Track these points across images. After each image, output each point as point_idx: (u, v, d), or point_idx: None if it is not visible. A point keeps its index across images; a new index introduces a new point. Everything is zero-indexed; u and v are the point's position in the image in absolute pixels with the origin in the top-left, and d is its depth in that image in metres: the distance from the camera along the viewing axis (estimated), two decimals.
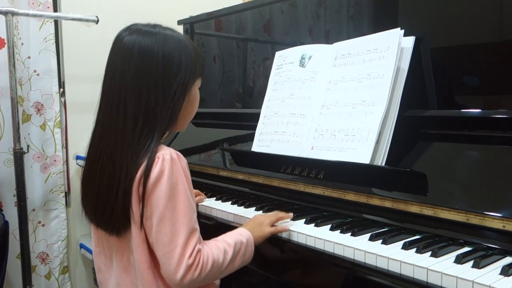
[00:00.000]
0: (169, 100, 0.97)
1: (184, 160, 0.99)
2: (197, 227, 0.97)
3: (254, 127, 1.51)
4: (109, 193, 0.96)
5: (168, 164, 0.94)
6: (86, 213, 1.04)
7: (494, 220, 0.93)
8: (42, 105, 2.17)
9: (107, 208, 0.96)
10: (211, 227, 1.30)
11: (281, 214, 1.16)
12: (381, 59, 1.20)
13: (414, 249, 0.94)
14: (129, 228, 0.97)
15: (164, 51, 0.98)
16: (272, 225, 1.12)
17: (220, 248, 0.98)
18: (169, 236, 0.92)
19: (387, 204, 1.10)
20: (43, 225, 2.23)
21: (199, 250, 0.94)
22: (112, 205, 0.95)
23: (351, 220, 1.17)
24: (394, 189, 1.10)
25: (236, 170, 1.54)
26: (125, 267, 1.01)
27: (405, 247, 0.95)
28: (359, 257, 0.96)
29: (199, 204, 1.39)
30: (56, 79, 2.20)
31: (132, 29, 1.01)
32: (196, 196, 1.38)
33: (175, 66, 0.98)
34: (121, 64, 0.98)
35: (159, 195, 0.93)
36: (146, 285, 0.97)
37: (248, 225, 1.12)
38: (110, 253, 1.05)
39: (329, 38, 1.52)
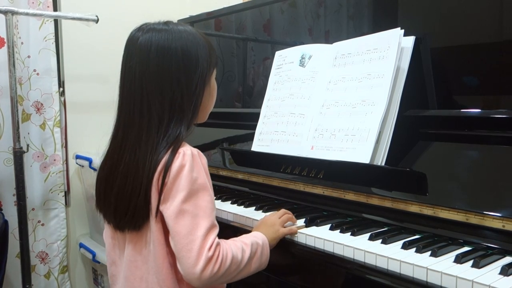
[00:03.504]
0: (191, 94, 0.98)
1: (204, 158, 0.99)
2: (217, 224, 0.97)
3: (254, 127, 1.51)
4: (133, 191, 0.95)
5: (189, 159, 0.94)
6: (104, 213, 1.04)
7: (493, 220, 0.93)
8: (41, 104, 2.17)
9: (130, 206, 0.96)
10: None
11: (290, 214, 1.15)
12: (381, 59, 1.21)
13: (414, 249, 0.94)
14: (147, 221, 0.97)
15: (182, 46, 0.98)
16: (283, 226, 1.11)
17: (238, 246, 0.98)
18: (188, 228, 0.91)
19: (387, 203, 1.10)
20: (42, 225, 2.23)
21: (218, 244, 0.94)
22: (135, 202, 0.95)
23: (350, 220, 1.17)
24: (394, 188, 1.10)
25: (236, 169, 1.54)
26: (136, 261, 1.01)
27: (405, 246, 0.95)
28: (359, 257, 0.96)
29: None
30: (56, 79, 2.19)
31: (145, 29, 1.00)
32: None
33: (193, 60, 0.99)
34: (139, 65, 0.98)
35: (179, 188, 0.93)
36: (161, 280, 0.97)
37: (260, 228, 1.10)
38: (124, 246, 1.04)
39: (329, 37, 1.52)
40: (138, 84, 0.98)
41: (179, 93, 0.97)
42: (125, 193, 0.97)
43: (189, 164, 0.94)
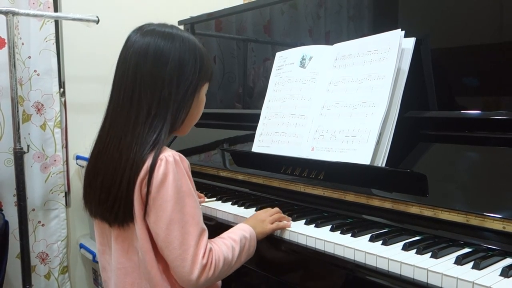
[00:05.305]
0: (180, 96, 0.99)
1: (186, 162, 0.99)
2: (205, 227, 0.98)
3: (254, 128, 1.51)
4: (113, 182, 0.95)
5: (172, 166, 0.94)
6: (90, 206, 1.03)
7: (494, 221, 0.93)
8: (42, 105, 2.17)
9: (110, 196, 0.96)
10: (211, 227, 1.29)
11: (281, 214, 1.17)
12: (381, 60, 1.21)
13: (414, 250, 0.94)
14: (131, 223, 0.96)
15: (180, 54, 0.99)
16: (273, 223, 1.13)
17: (228, 246, 0.99)
18: (179, 239, 0.92)
19: (387, 205, 1.10)
20: (43, 225, 2.23)
21: (210, 249, 0.95)
22: (115, 193, 0.95)
23: (351, 221, 1.17)
24: (394, 190, 1.10)
25: (236, 170, 1.54)
26: (124, 268, 1.00)
27: (405, 248, 0.95)
28: (359, 258, 0.96)
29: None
30: (56, 79, 2.20)
31: (146, 29, 1.01)
32: None
33: (189, 68, 1.00)
34: (135, 59, 0.98)
35: (165, 198, 0.92)
36: (153, 285, 0.97)
37: (249, 221, 1.13)
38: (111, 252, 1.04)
39: (329, 39, 1.52)
40: (132, 73, 0.98)
41: (167, 89, 0.97)
42: (107, 181, 0.96)
43: (172, 172, 0.93)
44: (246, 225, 1.09)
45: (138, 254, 0.98)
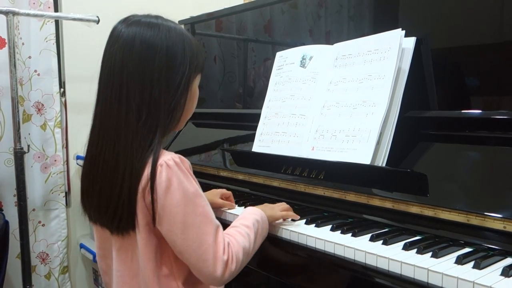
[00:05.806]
0: (172, 93, 0.94)
1: (187, 162, 0.96)
2: (218, 222, 0.95)
3: (254, 128, 1.51)
4: (112, 188, 0.92)
5: (174, 171, 0.90)
6: (89, 212, 1.00)
7: (494, 221, 0.93)
8: (42, 105, 2.17)
9: (111, 204, 0.92)
10: None
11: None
12: (382, 59, 1.21)
13: (415, 250, 0.94)
14: (133, 232, 0.93)
15: (168, 44, 0.94)
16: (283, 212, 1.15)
17: (244, 234, 0.99)
18: (197, 241, 0.90)
19: (388, 204, 1.10)
20: (43, 225, 2.24)
21: (229, 244, 0.94)
22: (116, 201, 0.91)
23: (351, 221, 1.17)
24: (395, 189, 1.10)
25: (236, 170, 1.54)
26: (125, 275, 0.98)
27: (406, 247, 0.95)
28: (360, 258, 0.96)
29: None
30: (57, 79, 2.20)
31: (131, 20, 0.97)
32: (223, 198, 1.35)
33: (178, 59, 0.95)
34: (121, 54, 0.93)
35: (173, 204, 0.90)
36: None
37: (259, 206, 1.13)
38: (111, 256, 1.02)
39: (329, 38, 1.52)
40: (119, 72, 0.92)
41: (157, 88, 0.92)
42: (106, 189, 0.93)
43: (175, 176, 0.90)
44: (255, 208, 1.09)
45: (139, 261, 0.95)
